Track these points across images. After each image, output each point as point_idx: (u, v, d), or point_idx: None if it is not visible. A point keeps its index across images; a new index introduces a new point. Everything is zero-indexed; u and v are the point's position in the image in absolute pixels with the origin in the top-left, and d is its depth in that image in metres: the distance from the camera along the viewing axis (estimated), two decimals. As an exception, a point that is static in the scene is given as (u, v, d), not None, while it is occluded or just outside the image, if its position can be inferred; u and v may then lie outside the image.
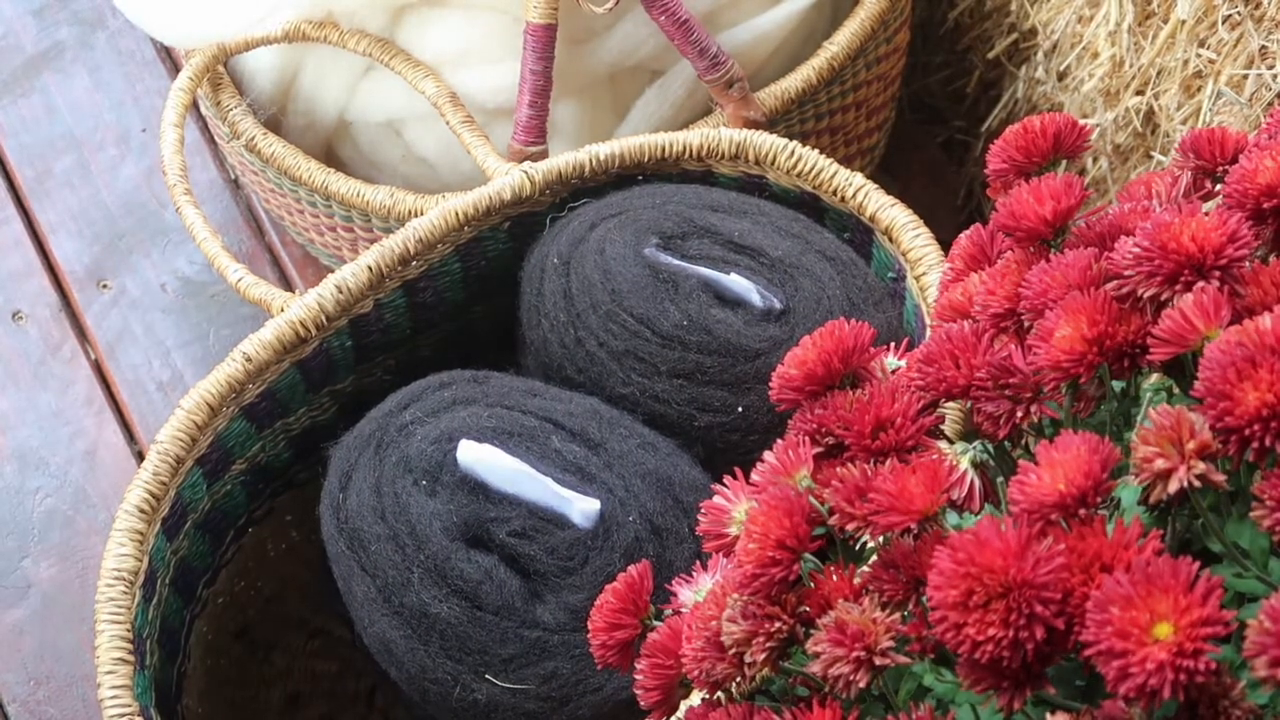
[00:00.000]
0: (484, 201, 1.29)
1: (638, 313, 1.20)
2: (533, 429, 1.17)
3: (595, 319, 1.21)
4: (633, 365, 1.20)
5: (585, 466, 1.15)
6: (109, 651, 1.10)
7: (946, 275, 0.89)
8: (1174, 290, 0.74)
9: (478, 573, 1.11)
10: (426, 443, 1.16)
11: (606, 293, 1.21)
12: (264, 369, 1.23)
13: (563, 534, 1.12)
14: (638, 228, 1.24)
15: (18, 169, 1.75)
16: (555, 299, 1.23)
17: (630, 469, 1.15)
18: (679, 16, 1.39)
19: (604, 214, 1.27)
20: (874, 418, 0.79)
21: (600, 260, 1.22)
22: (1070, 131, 0.86)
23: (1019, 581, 0.66)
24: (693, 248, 1.24)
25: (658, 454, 1.16)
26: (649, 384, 1.19)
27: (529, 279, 1.27)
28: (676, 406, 1.19)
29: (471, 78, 1.44)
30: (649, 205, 1.27)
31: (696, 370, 1.19)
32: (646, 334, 1.20)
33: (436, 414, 1.19)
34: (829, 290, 1.21)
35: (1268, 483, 0.66)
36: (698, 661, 0.76)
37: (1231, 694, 0.64)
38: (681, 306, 1.20)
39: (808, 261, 1.23)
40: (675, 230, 1.25)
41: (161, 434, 1.19)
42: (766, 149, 1.29)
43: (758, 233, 1.24)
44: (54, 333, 1.65)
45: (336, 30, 1.46)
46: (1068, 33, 1.46)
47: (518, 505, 1.13)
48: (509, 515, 1.13)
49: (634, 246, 1.23)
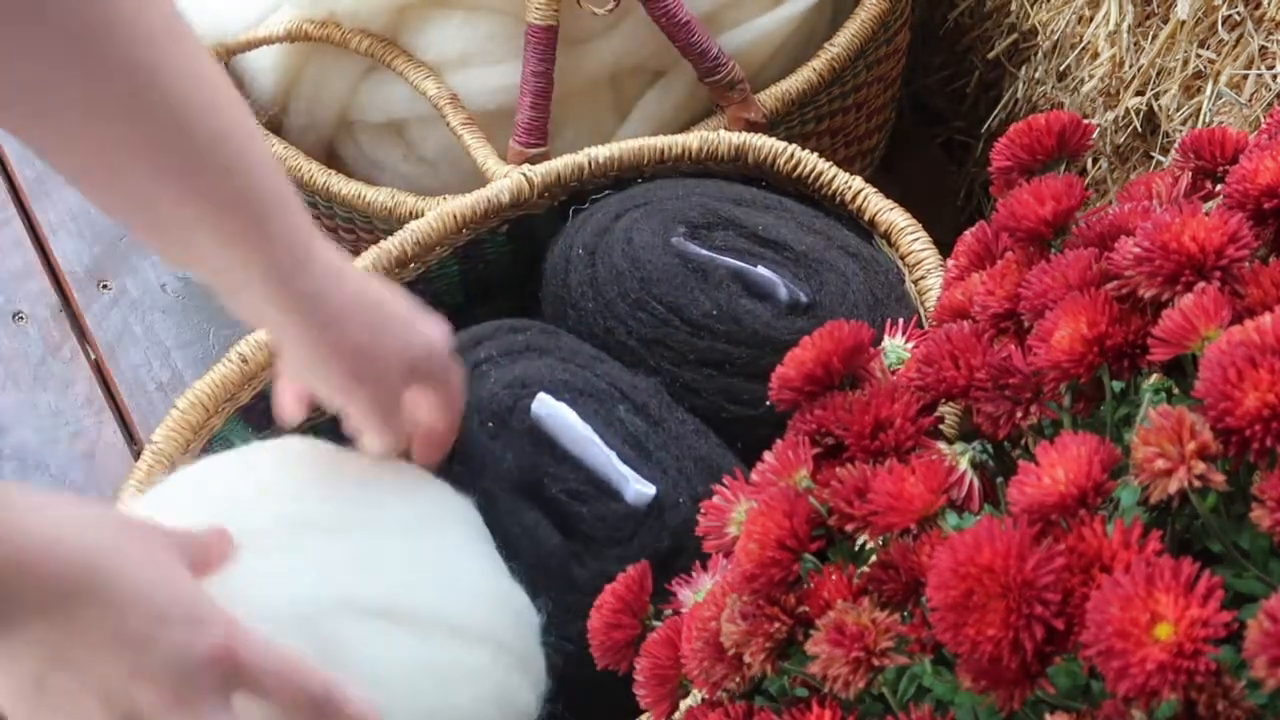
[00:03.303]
0: (482, 204, 1.28)
1: (667, 300, 1.19)
2: (602, 393, 1.16)
3: (624, 307, 1.21)
4: (662, 353, 1.19)
5: (644, 442, 1.14)
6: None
7: (950, 272, 0.89)
8: (1174, 290, 0.74)
9: (522, 525, 1.11)
10: (500, 386, 1.16)
11: (635, 281, 1.20)
12: (260, 370, 1.23)
13: (615, 506, 1.12)
14: (664, 217, 1.24)
15: (18, 169, 1.75)
16: (582, 289, 1.23)
17: (685, 451, 1.14)
18: (679, 18, 1.39)
19: (627, 205, 1.26)
20: (873, 418, 0.79)
21: (628, 249, 1.22)
22: (1074, 130, 0.86)
23: (1019, 582, 0.66)
24: (719, 239, 1.23)
25: (709, 442, 1.15)
26: (678, 372, 1.19)
27: (552, 271, 1.26)
28: (706, 396, 1.18)
29: (472, 79, 1.44)
30: (673, 196, 1.26)
31: (725, 360, 1.18)
32: (676, 322, 1.19)
33: (511, 357, 1.18)
34: (853, 285, 1.20)
35: (1268, 483, 0.66)
36: (697, 661, 0.76)
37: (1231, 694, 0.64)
38: (711, 296, 1.19)
39: (831, 257, 1.22)
40: (701, 220, 1.24)
41: (156, 434, 1.19)
42: (766, 152, 1.29)
43: (781, 227, 1.24)
44: (54, 333, 1.65)
45: (339, 30, 1.46)
46: (1068, 33, 1.46)
47: (578, 469, 1.13)
48: (567, 475, 1.13)
49: (662, 235, 1.22)
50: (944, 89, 1.74)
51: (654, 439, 1.15)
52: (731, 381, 1.18)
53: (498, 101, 1.44)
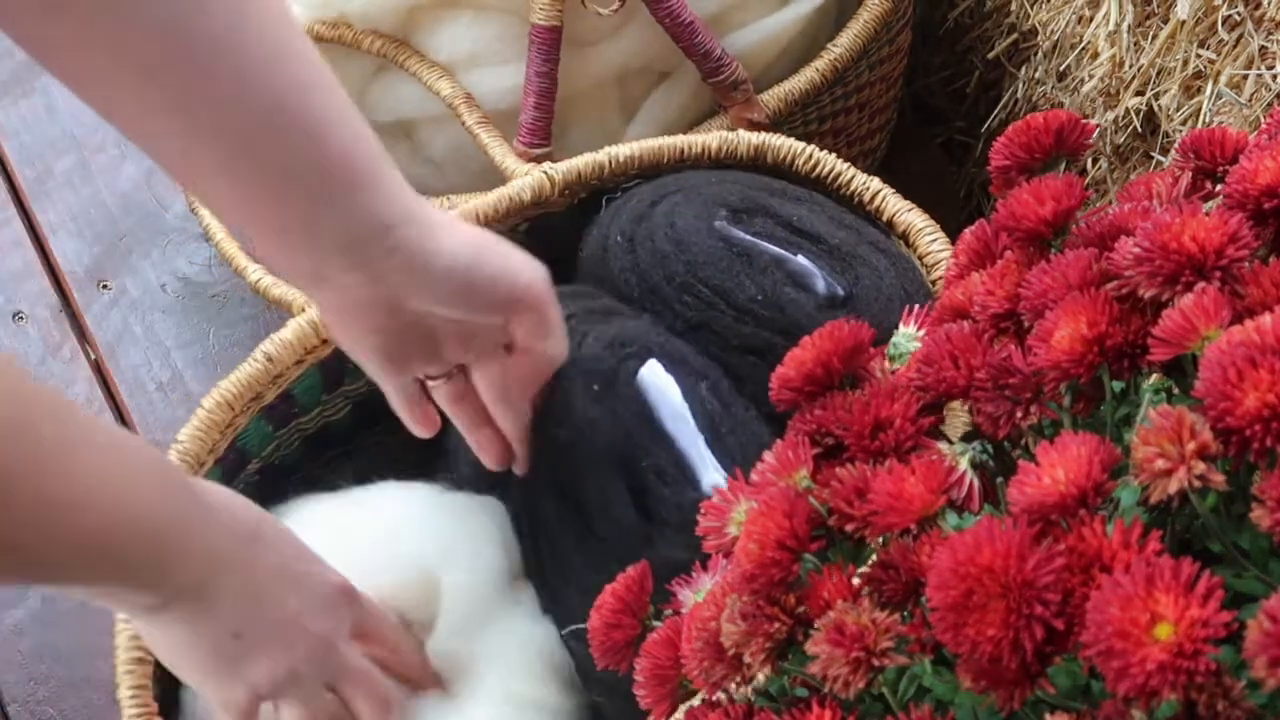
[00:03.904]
0: (504, 202, 1.29)
1: (714, 284, 1.18)
2: (690, 366, 1.14)
3: (670, 290, 1.19)
4: (708, 338, 1.17)
5: (718, 425, 1.12)
6: (128, 651, 1.09)
7: (950, 272, 0.89)
8: (1174, 291, 0.73)
9: (604, 495, 1.10)
10: (600, 346, 1.14)
11: (681, 264, 1.19)
12: (285, 369, 1.23)
13: (693, 493, 1.10)
14: (705, 201, 1.22)
15: (18, 169, 1.75)
16: (625, 275, 1.21)
17: (750, 438, 1.12)
18: (683, 19, 1.39)
19: (663, 191, 1.25)
20: (873, 418, 0.79)
21: (672, 233, 1.20)
22: (1073, 129, 0.86)
23: (1018, 582, 0.66)
24: (758, 225, 1.22)
25: (767, 430, 1.13)
26: (723, 357, 1.17)
27: (589, 261, 1.25)
28: (750, 385, 1.16)
29: (481, 79, 1.44)
30: (709, 182, 1.25)
31: (768, 349, 1.16)
32: (722, 305, 1.17)
33: (600, 316, 1.17)
34: (886, 280, 1.19)
35: (1268, 483, 0.66)
36: (697, 662, 0.76)
37: (1231, 694, 0.64)
38: (756, 281, 1.18)
39: (864, 252, 1.21)
40: (741, 206, 1.23)
41: (182, 434, 1.19)
42: (785, 152, 1.29)
43: (815, 219, 1.23)
44: (54, 333, 1.65)
45: (350, 31, 1.46)
46: (1068, 33, 1.46)
47: (669, 447, 1.11)
48: (657, 451, 1.11)
49: (705, 219, 1.21)
50: (944, 89, 1.74)
51: (726, 423, 1.12)
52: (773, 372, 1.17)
53: (507, 102, 1.44)
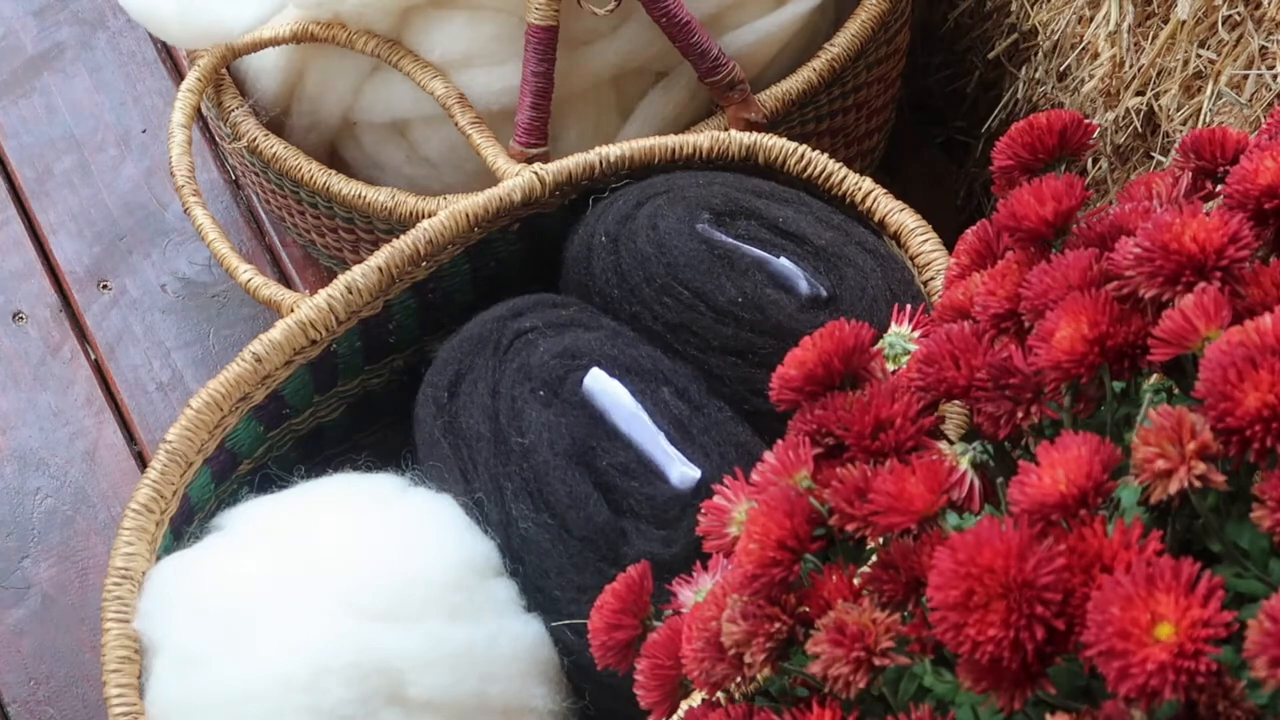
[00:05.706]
0: (494, 203, 1.29)
1: (693, 286, 1.19)
2: (648, 373, 1.16)
3: (649, 292, 1.20)
4: (688, 339, 1.19)
5: (688, 425, 1.14)
6: (115, 650, 1.10)
7: (950, 272, 0.89)
8: (1175, 291, 0.74)
9: (573, 495, 1.11)
10: (550, 355, 1.16)
11: (661, 266, 1.20)
12: (274, 370, 1.23)
13: (662, 486, 1.12)
14: (688, 203, 1.23)
15: (18, 169, 1.75)
16: (606, 276, 1.23)
17: (725, 438, 1.14)
18: (679, 19, 1.39)
19: (649, 192, 1.26)
20: (874, 418, 0.79)
21: (653, 235, 1.21)
22: (1076, 128, 0.86)
23: (1019, 582, 0.66)
24: (741, 228, 1.23)
25: (745, 430, 1.15)
26: (704, 358, 1.18)
27: (573, 260, 1.26)
28: (730, 385, 1.18)
29: (476, 79, 1.44)
30: (695, 184, 1.26)
31: (749, 350, 1.18)
32: (701, 308, 1.19)
33: (557, 329, 1.19)
34: (872, 281, 1.20)
35: (1268, 483, 0.66)
36: (697, 662, 0.76)
37: (1232, 694, 0.64)
38: (737, 283, 1.19)
39: (850, 252, 1.21)
40: (724, 208, 1.24)
41: (170, 433, 1.19)
42: (776, 152, 1.29)
43: (801, 220, 1.23)
44: (54, 333, 1.65)
45: (344, 30, 1.46)
46: (1068, 33, 1.46)
47: (628, 447, 1.13)
48: (615, 450, 1.13)
49: (687, 222, 1.22)
50: (944, 89, 1.74)
51: (696, 423, 1.14)
52: (754, 373, 1.18)
53: (501, 102, 1.44)
